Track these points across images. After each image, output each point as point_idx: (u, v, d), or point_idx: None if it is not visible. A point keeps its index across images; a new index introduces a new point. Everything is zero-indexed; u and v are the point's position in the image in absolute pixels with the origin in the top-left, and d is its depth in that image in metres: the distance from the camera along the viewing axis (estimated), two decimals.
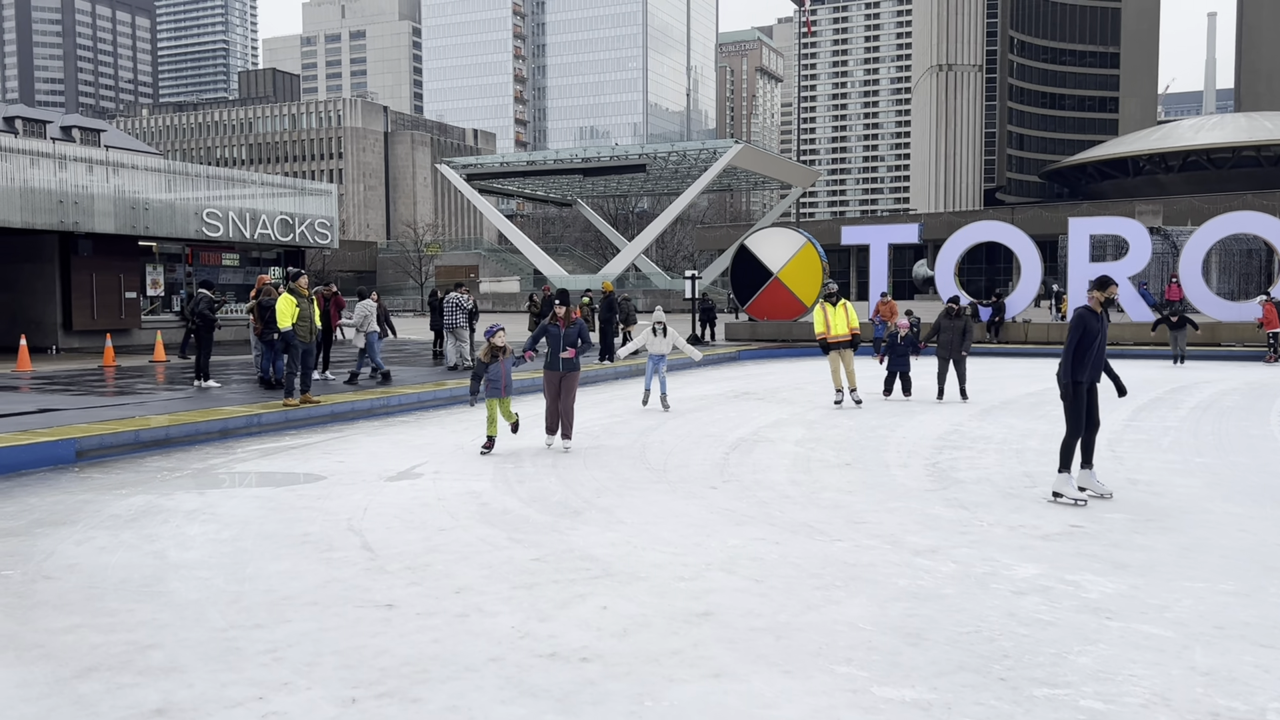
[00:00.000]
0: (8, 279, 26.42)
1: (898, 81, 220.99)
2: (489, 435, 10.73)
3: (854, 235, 32.90)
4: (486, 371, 10.48)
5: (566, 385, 11.03)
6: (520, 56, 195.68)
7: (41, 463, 9.91)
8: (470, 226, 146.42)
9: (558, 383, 11.02)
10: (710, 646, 4.92)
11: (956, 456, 10.65)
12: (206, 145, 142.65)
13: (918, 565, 6.39)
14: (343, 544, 6.97)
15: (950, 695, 4.32)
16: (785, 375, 20.90)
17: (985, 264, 78.36)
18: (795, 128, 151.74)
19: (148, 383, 17.04)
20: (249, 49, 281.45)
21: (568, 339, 10.98)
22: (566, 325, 10.99)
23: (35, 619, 5.35)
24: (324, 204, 31.88)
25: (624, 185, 78.04)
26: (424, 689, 4.41)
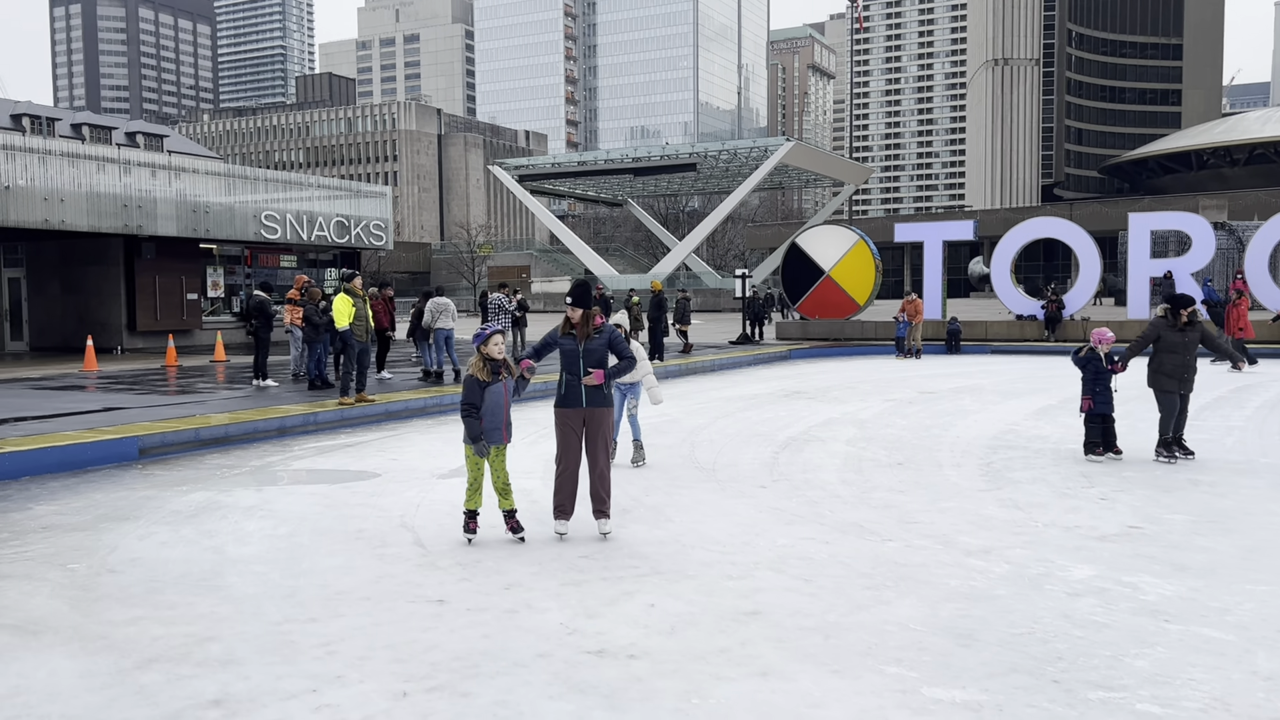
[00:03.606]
0: (75, 281, 27.18)
1: (952, 77, 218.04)
2: (469, 509, 6.96)
3: (908, 232, 32.54)
4: (483, 399, 6.79)
5: (592, 431, 7.06)
6: (571, 57, 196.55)
7: (106, 460, 10.18)
8: (522, 227, 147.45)
9: (579, 427, 7.04)
10: (758, 645, 4.90)
11: (1011, 456, 10.49)
12: (265, 149, 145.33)
13: (970, 566, 6.31)
14: (395, 540, 7.06)
15: (1002, 697, 4.27)
16: (837, 374, 20.75)
17: (1043, 261, 77.08)
18: (848, 124, 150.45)
19: (208, 382, 17.41)
20: (306, 54, 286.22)
21: (591, 357, 7.03)
22: (586, 336, 7.06)
23: (99, 611, 5.50)
24: (379, 206, 32.32)
25: (674, 184, 77.94)
26: (473, 683, 4.46)
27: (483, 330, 6.91)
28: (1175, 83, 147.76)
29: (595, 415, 7.04)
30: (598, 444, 7.06)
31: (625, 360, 7.17)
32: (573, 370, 7.03)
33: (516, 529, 6.99)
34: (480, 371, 6.80)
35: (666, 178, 72.05)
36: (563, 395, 7.06)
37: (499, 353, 6.87)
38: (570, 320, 7.06)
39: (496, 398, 6.83)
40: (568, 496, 7.08)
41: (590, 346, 7.03)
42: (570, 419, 7.04)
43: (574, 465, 7.04)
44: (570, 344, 7.03)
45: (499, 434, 6.86)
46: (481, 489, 6.95)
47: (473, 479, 6.96)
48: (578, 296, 7.04)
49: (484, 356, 6.86)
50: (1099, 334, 10.23)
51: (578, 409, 7.02)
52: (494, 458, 6.91)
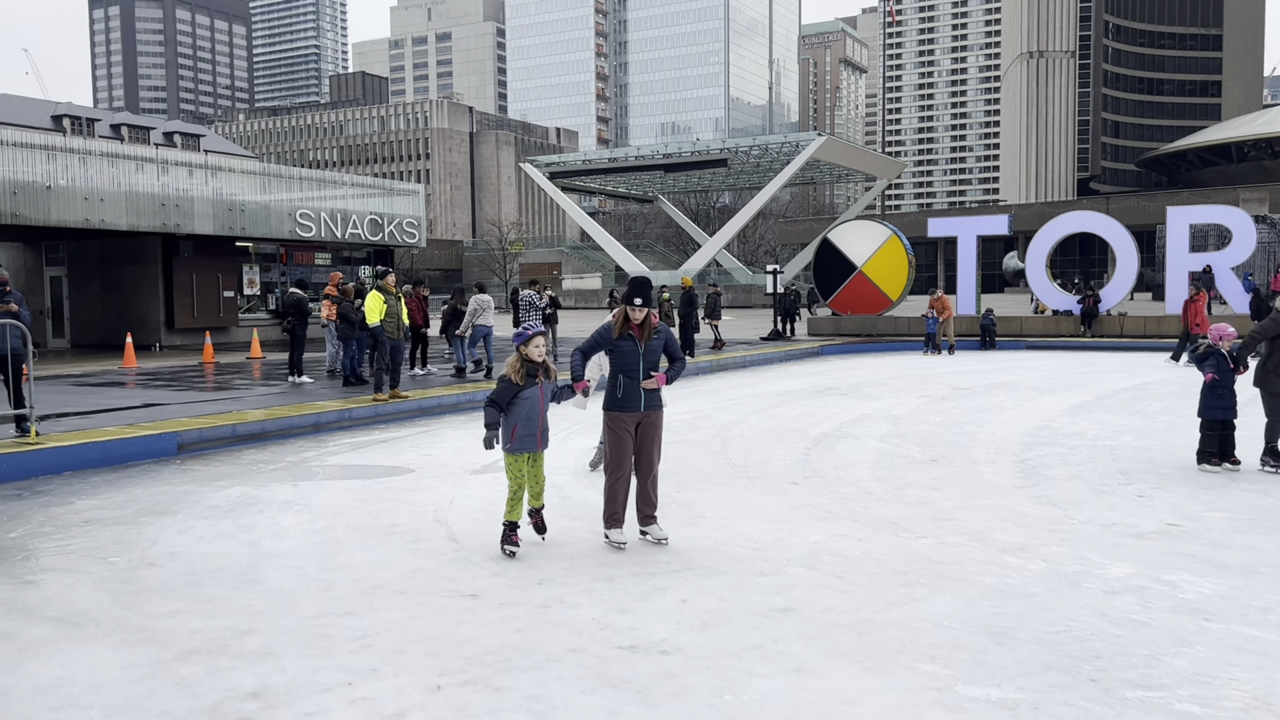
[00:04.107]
0: (114, 280, 27.60)
1: (986, 70, 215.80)
2: (510, 520, 6.56)
3: (941, 227, 32.26)
4: (517, 398, 6.39)
5: (647, 435, 6.74)
6: (602, 54, 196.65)
7: (145, 455, 10.34)
8: (553, 224, 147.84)
9: (633, 431, 6.72)
10: (791, 642, 4.89)
11: (1047, 453, 10.38)
12: (299, 148, 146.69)
13: (1005, 563, 6.26)
14: (429, 535, 7.12)
15: (1038, 695, 4.23)
16: (869, 370, 20.62)
17: (1079, 255, 76.11)
18: (880, 119, 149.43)
19: (244, 378, 17.62)
20: (339, 53, 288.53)
21: (650, 358, 6.69)
22: (647, 337, 6.65)
23: (139, 604, 5.59)
24: (412, 204, 32.53)
25: (705, 180, 77.77)
26: (506, 678, 4.48)
27: (524, 330, 6.47)
28: (1215, 74, 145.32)
29: (651, 419, 6.74)
30: (654, 448, 6.77)
31: (680, 362, 6.87)
32: (630, 372, 6.62)
33: (540, 528, 6.74)
34: (516, 374, 6.39)
35: (697, 174, 71.91)
36: (618, 398, 6.64)
37: (539, 355, 6.45)
38: (631, 320, 6.63)
39: (533, 402, 6.41)
40: (623, 504, 6.76)
41: (651, 347, 6.67)
42: (626, 423, 6.69)
43: (630, 471, 6.74)
44: (630, 345, 6.60)
45: (533, 440, 6.46)
46: (524, 500, 6.60)
47: (514, 489, 6.52)
48: (646, 295, 6.64)
49: (522, 358, 6.44)
50: (1219, 330, 9.24)
51: (634, 412, 6.67)
52: (530, 465, 6.56)
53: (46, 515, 7.86)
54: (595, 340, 6.76)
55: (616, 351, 6.64)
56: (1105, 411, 13.60)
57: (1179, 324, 20.63)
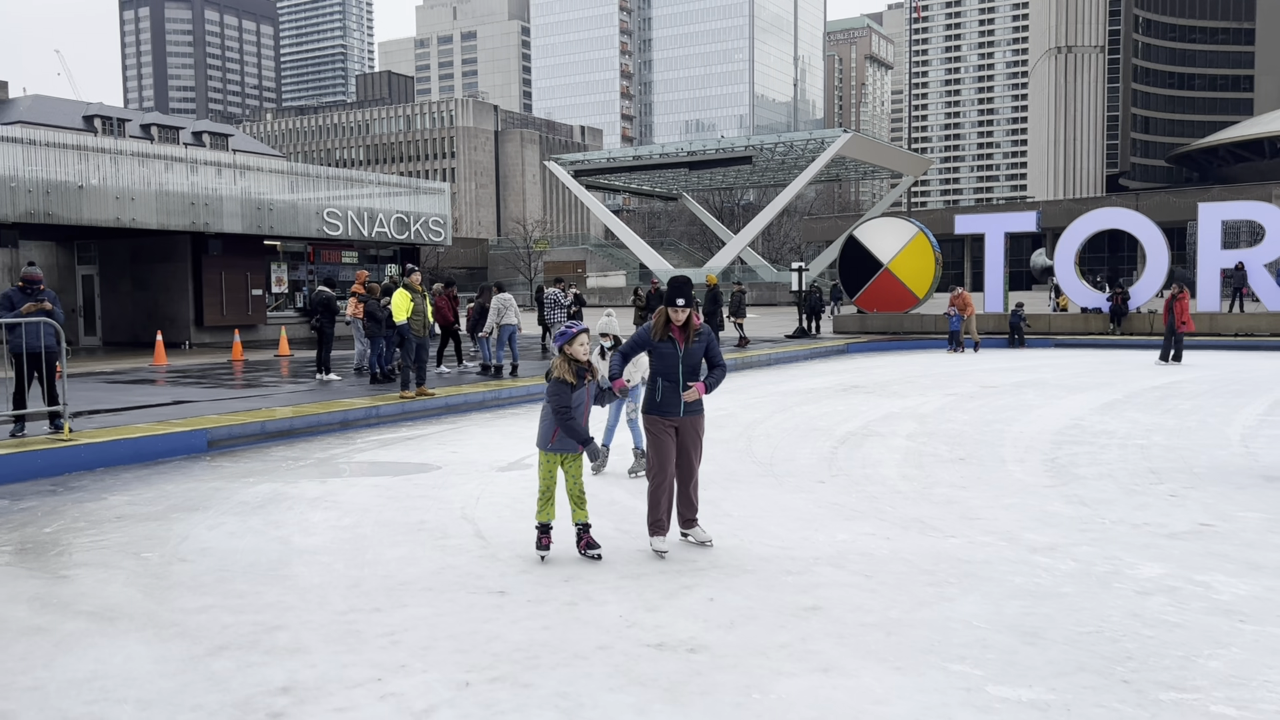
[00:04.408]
0: (145, 278, 27.91)
1: (1014, 65, 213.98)
2: (542, 522, 6.42)
3: (969, 224, 32.03)
4: (571, 401, 6.22)
5: (689, 439, 6.55)
6: (627, 52, 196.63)
7: (176, 452, 10.45)
8: (578, 222, 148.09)
9: (672, 435, 6.50)
10: (819, 641, 4.88)
11: (1076, 452, 10.28)
12: (326, 147, 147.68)
13: (1035, 563, 6.20)
14: (457, 532, 7.15)
15: (1070, 696, 4.19)
16: (896, 368, 20.51)
17: (1108, 253, 75.32)
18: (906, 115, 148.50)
19: (273, 376, 17.77)
20: (365, 53, 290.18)
21: (690, 361, 6.47)
22: (689, 340, 6.43)
23: (172, 599, 5.65)
24: (438, 202, 32.69)
25: (730, 178, 77.61)
26: (534, 674, 4.49)
27: (568, 329, 6.28)
28: (1247, 68, 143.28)
29: (692, 422, 6.54)
30: (695, 451, 6.59)
31: (720, 369, 6.60)
32: (670, 375, 6.42)
33: (591, 545, 6.39)
34: (567, 373, 6.22)
35: (722, 171, 71.80)
36: (657, 401, 6.45)
37: (584, 353, 6.33)
38: (673, 321, 6.41)
39: (579, 402, 6.27)
40: (666, 511, 6.52)
41: (692, 350, 6.44)
42: (666, 427, 6.48)
43: (673, 476, 6.52)
44: (670, 348, 6.39)
45: (573, 442, 6.32)
46: (554, 500, 6.42)
47: (545, 487, 6.36)
48: (689, 295, 6.38)
49: (568, 357, 6.28)
50: None
51: (674, 416, 6.46)
52: (569, 464, 6.39)
53: (80, 511, 7.96)
54: (635, 342, 6.59)
55: (656, 354, 6.44)
56: (1135, 410, 13.46)
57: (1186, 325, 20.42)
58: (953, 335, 24.84)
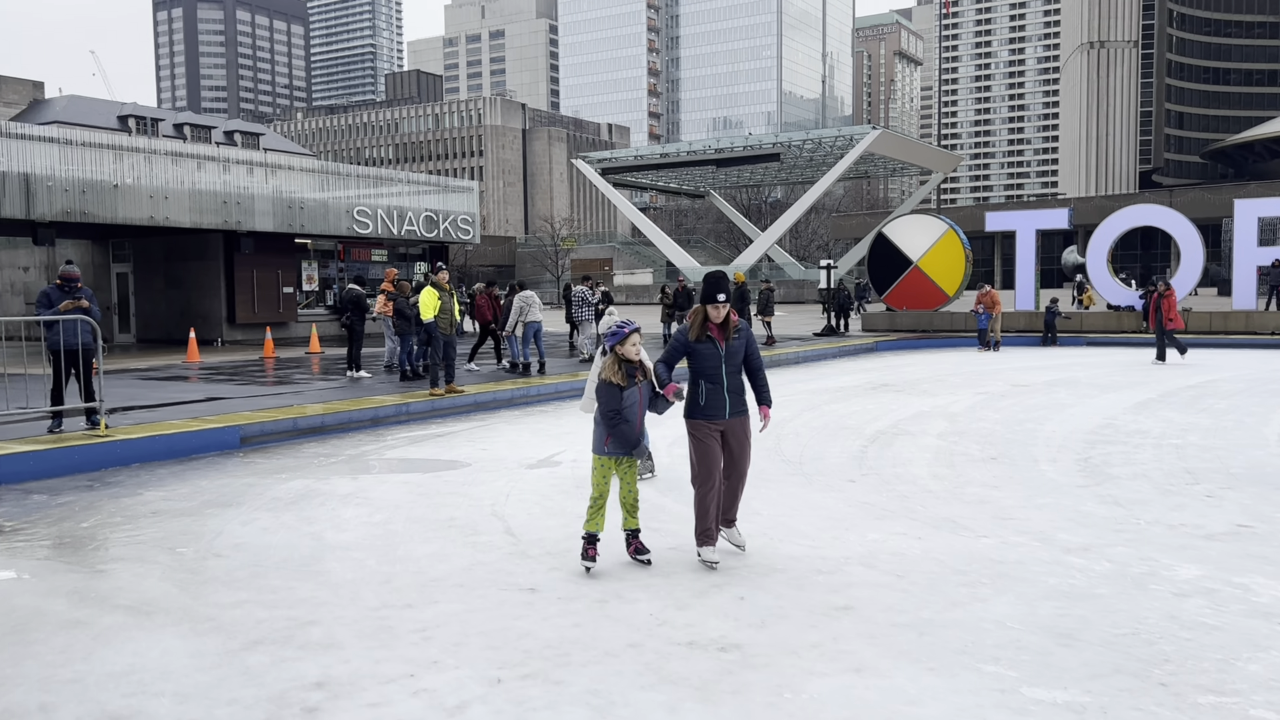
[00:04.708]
0: (178, 276, 28.22)
1: (1045, 61, 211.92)
2: (590, 532, 6.08)
3: (999, 221, 31.73)
4: (621, 403, 5.97)
5: (738, 444, 6.29)
6: (654, 49, 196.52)
7: (210, 448, 10.56)
8: (604, 220, 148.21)
9: (718, 439, 6.21)
10: (850, 641, 4.85)
11: (1110, 451, 10.17)
12: (356, 146, 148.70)
13: (1069, 563, 6.14)
14: (487, 529, 7.18)
15: (1106, 699, 4.14)
16: (925, 367, 20.37)
17: (1140, 250, 74.44)
18: (936, 112, 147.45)
19: (304, 373, 17.92)
20: (395, 52, 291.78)
21: (732, 361, 6.16)
22: (729, 337, 6.14)
23: (206, 594, 5.71)
24: (466, 201, 32.82)
25: (757, 175, 77.34)
26: (566, 672, 4.50)
27: (620, 328, 6.01)
28: None
29: (739, 425, 6.26)
30: (745, 457, 6.33)
31: (762, 374, 6.34)
32: (712, 376, 6.12)
33: (641, 550, 6.22)
34: (616, 375, 5.96)
35: (749, 168, 71.58)
36: (700, 405, 6.14)
37: (636, 353, 6.03)
38: (710, 320, 6.11)
39: (631, 404, 5.99)
40: (715, 519, 6.21)
41: (732, 348, 6.15)
42: (711, 431, 6.17)
43: (720, 482, 6.19)
44: (710, 347, 6.10)
45: (624, 443, 6.04)
46: (605, 509, 6.09)
47: (598, 494, 6.06)
48: (727, 290, 6.11)
49: (619, 358, 6.01)
50: None
51: (719, 419, 6.16)
52: (624, 469, 6.13)
53: (116, 506, 8.07)
54: (674, 347, 6.26)
55: (696, 355, 6.14)
56: (1170, 409, 13.29)
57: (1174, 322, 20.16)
58: (981, 334, 24.66)
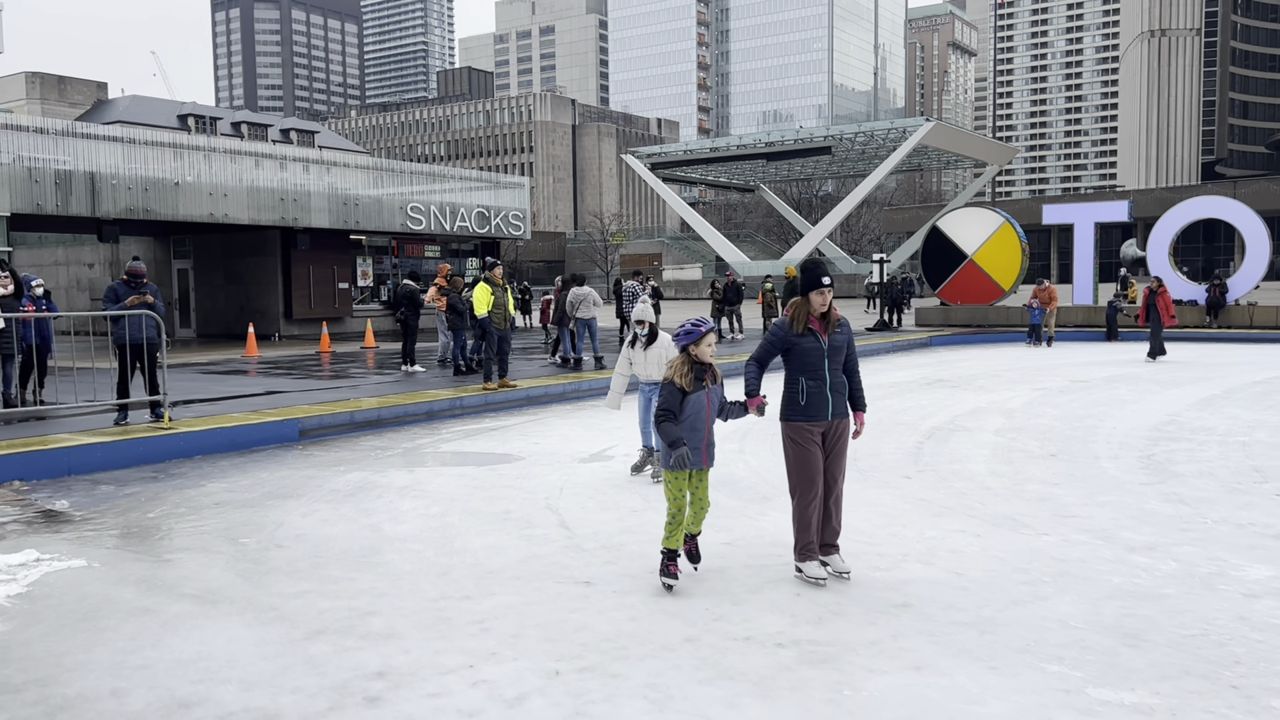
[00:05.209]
0: (236, 272, 28.75)
1: (1103, 50, 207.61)
2: (668, 548, 5.62)
3: (1057, 214, 31.17)
4: (684, 407, 5.49)
5: (836, 448, 5.80)
6: (704, 43, 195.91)
7: (270, 440, 10.75)
8: (654, 215, 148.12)
9: (818, 444, 5.73)
10: (910, 638, 4.80)
11: (1174, 449, 9.94)
12: (408, 143, 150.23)
13: (1134, 562, 6.02)
14: (541, 522, 7.22)
15: (1175, 701, 4.06)
16: (981, 362, 20.09)
17: (1202, 243, 72.67)
18: (990, 103, 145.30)
19: (359, 367, 18.16)
20: (446, 49, 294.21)
21: (835, 357, 5.71)
22: (831, 330, 5.70)
23: (269, 584, 5.81)
24: (517, 197, 33.01)
25: (808, 169, 76.76)
26: (623, 665, 4.51)
27: (696, 327, 5.58)
28: None
29: (841, 428, 5.77)
30: (841, 463, 5.81)
31: (858, 375, 5.89)
32: (814, 374, 5.62)
33: (694, 556, 5.87)
34: (683, 378, 5.48)
35: (800, 162, 71.07)
36: (801, 405, 5.65)
37: (711, 355, 5.59)
38: (811, 311, 5.65)
39: (698, 409, 5.51)
40: (818, 531, 5.74)
41: (835, 343, 5.68)
42: (812, 434, 5.66)
43: (821, 491, 5.72)
44: (812, 342, 5.62)
45: (697, 455, 5.51)
46: (684, 523, 5.65)
47: (675, 510, 5.58)
48: (829, 275, 5.66)
49: (692, 359, 5.57)
50: None
51: (821, 421, 5.67)
52: (695, 482, 5.63)
53: (180, 497, 8.25)
54: (771, 342, 5.77)
55: (796, 351, 5.66)
56: (1236, 406, 12.96)
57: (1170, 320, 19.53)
58: (1033, 329, 24.28)
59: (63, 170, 21.22)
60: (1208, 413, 12.40)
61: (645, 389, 8.74)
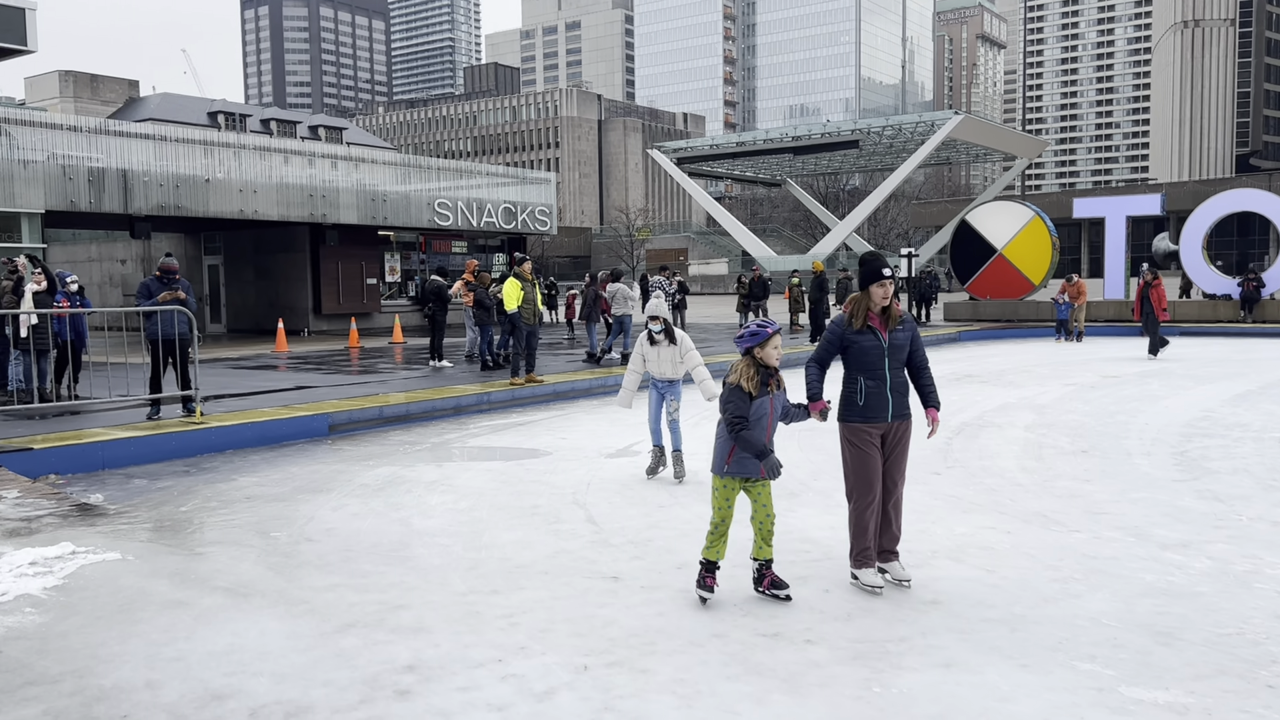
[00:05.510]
0: (266, 268, 29.01)
1: (1135, 42, 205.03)
2: (708, 559, 5.33)
3: (1088, 207, 30.82)
4: (749, 412, 5.15)
5: (896, 450, 5.57)
6: (730, 37, 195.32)
7: (300, 435, 10.84)
8: (679, 210, 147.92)
9: (877, 446, 5.53)
10: (939, 635, 4.77)
11: (1208, 445, 9.82)
12: (435, 139, 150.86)
13: (1167, 560, 5.95)
14: (569, 517, 7.24)
15: (1210, 700, 4.01)
16: (1010, 357, 19.92)
17: (1236, 237, 71.63)
18: (1020, 96, 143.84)
19: (388, 362, 18.27)
20: (473, 45, 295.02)
21: (896, 355, 5.46)
22: (892, 326, 5.45)
23: (300, 577, 5.86)
24: (543, 192, 33.08)
25: (835, 163, 76.39)
26: (651, 660, 4.51)
27: (762, 328, 5.26)
28: None
29: (901, 429, 5.53)
30: (901, 466, 5.55)
31: (929, 372, 5.60)
32: (873, 373, 5.39)
33: (778, 585, 5.34)
34: (750, 381, 5.17)
35: (827, 156, 70.73)
36: (860, 405, 5.42)
37: (777, 358, 5.27)
38: (870, 305, 5.40)
39: (761, 416, 5.20)
40: (875, 536, 5.49)
41: (895, 340, 5.41)
42: (871, 435, 5.44)
43: (880, 495, 5.50)
44: (872, 339, 5.37)
45: (755, 464, 5.20)
46: (728, 535, 5.34)
47: (719, 520, 5.28)
48: (890, 268, 5.38)
49: (758, 363, 5.24)
50: None
51: (880, 422, 5.44)
52: (757, 491, 5.28)
53: (212, 491, 8.33)
54: (829, 340, 5.51)
55: (855, 349, 5.41)
56: (1271, 402, 12.78)
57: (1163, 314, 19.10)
58: (1060, 324, 24.05)
59: (96, 168, 21.48)
60: (1242, 408, 12.23)
61: (658, 385, 8.59)
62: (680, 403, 8.57)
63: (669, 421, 8.53)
